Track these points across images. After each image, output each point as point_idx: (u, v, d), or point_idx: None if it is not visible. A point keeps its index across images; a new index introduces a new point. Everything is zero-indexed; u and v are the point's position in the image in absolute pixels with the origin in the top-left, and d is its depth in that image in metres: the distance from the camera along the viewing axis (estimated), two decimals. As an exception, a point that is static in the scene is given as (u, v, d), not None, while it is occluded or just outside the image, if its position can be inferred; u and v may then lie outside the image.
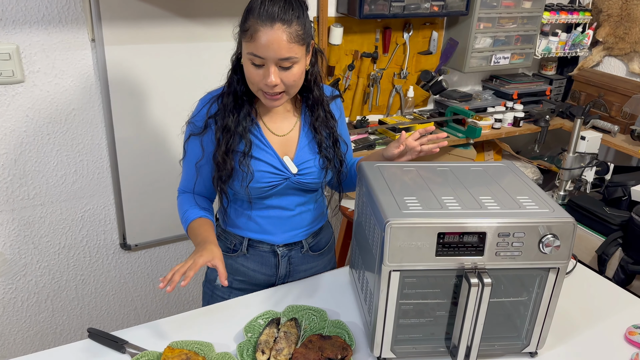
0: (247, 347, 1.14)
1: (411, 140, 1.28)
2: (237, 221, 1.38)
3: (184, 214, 1.33)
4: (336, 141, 1.34)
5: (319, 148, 1.32)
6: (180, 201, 1.38)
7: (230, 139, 1.24)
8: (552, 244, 1.03)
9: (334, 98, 1.38)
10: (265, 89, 1.18)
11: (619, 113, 2.59)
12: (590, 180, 2.23)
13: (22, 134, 1.79)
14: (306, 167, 1.32)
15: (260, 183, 1.29)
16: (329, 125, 1.33)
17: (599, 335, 1.25)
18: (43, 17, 1.68)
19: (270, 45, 1.11)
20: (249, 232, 1.38)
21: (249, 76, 1.18)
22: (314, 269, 1.48)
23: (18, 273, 1.96)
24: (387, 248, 1.01)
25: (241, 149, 1.26)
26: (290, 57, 1.14)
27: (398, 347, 1.13)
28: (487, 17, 2.41)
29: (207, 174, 1.33)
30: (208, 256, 1.15)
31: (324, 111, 1.32)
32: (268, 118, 1.32)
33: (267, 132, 1.31)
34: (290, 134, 1.33)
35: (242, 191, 1.30)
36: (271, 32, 1.11)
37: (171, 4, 1.84)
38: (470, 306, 1.05)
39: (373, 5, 2.12)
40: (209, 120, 1.27)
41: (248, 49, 1.14)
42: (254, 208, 1.35)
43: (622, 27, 2.66)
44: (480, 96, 2.64)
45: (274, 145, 1.30)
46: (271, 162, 1.29)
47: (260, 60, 1.14)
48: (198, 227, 1.28)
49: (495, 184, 1.17)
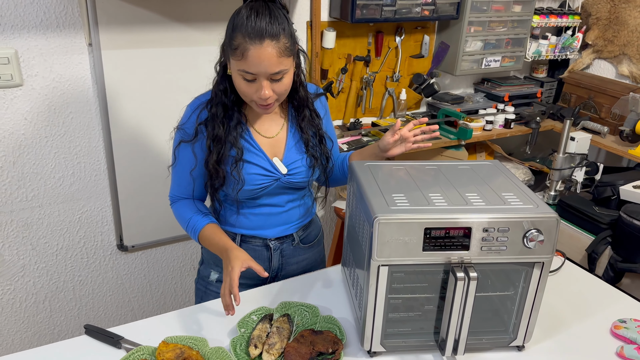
0: (241, 341, 1.17)
1: (405, 130, 1.32)
2: (229, 219, 1.41)
3: (189, 222, 1.34)
4: (322, 139, 1.38)
5: (306, 147, 1.36)
6: (178, 209, 1.39)
7: (221, 148, 1.27)
8: (536, 238, 1.06)
9: (318, 96, 1.41)
10: (259, 101, 1.21)
11: (608, 114, 2.63)
12: (580, 181, 2.27)
13: (20, 136, 1.81)
14: (295, 167, 1.35)
15: (252, 185, 1.32)
16: (314, 123, 1.37)
17: (586, 329, 1.28)
18: (41, 22, 1.72)
19: (262, 63, 1.14)
20: (242, 229, 1.41)
21: (242, 90, 1.22)
22: (306, 261, 1.51)
23: (16, 274, 1.99)
24: (375, 243, 1.04)
25: (233, 154, 1.29)
26: (281, 71, 1.18)
27: (388, 341, 1.16)
28: (478, 21, 2.45)
29: (201, 179, 1.36)
30: (238, 264, 1.18)
31: (310, 110, 1.36)
32: (256, 121, 1.35)
33: (256, 135, 1.34)
34: (278, 135, 1.36)
35: (234, 195, 1.33)
36: (261, 50, 1.13)
37: (167, 9, 1.87)
38: (457, 300, 1.08)
39: (365, 10, 2.15)
40: (199, 126, 1.29)
41: (239, 67, 1.17)
42: (245, 207, 1.38)
43: (611, 30, 2.71)
44: (471, 98, 2.68)
45: (264, 147, 1.33)
46: (262, 164, 1.32)
47: (251, 76, 1.17)
48: (211, 235, 1.30)
49: (481, 181, 1.20)
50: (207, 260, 1.48)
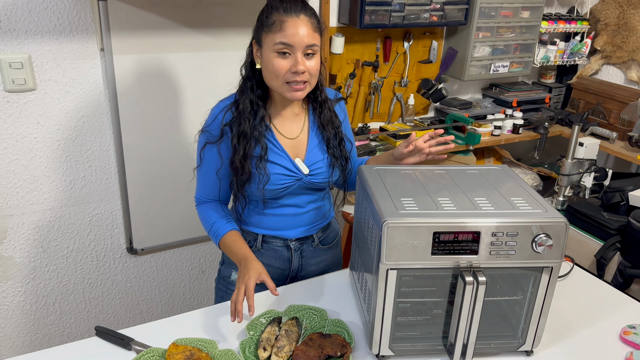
0: (250, 344, 1.17)
1: (421, 141, 1.34)
2: (251, 220, 1.44)
3: (212, 226, 1.38)
4: (341, 140, 1.42)
5: (327, 147, 1.39)
6: (203, 211, 1.42)
7: (247, 144, 1.31)
8: (545, 243, 1.07)
9: (338, 100, 1.46)
10: (292, 78, 1.25)
11: (617, 120, 2.62)
12: (589, 186, 2.26)
13: (32, 140, 1.84)
14: (317, 168, 1.39)
15: (275, 185, 1.35)
16: (334, 124, 1.40)
17: (595, 335, 1.28)
18: (54, 27, 1.74)
19: (298, 32, 1.22)
20: (263, 230, 1.44)
21: (275, 69, 1.25)
22: (324, 263, 1.54)
23: (27, 276, 2.01)
24: (384, 247, 1.04)
25: (257, 153, 1.32)
26: (314, 45, 1.25)
27: (396, 345, 1.16)
28: (486, 27, 2.46)
29: (226, 179, 1.39)
30: (255, 275, 1.21)
31: (330, 111, 1.40)
32: (279, 122, 1.38)
33: (279, 135, 1.37)
34: (300, 136, 1.39)
35: (258, 193, 1.36)
36: (298, 21, 1.23)
37: (178, 15, 1.89)
38: (465, 304, 1.08)
39: (373, 16, 2.17)
40: (224, 128, 1.32)
41: (276, 40, 1.23)
42: (267, 207, 1.41)
43: (620, 35, 2.70)
44: (480, 104, 2.68)
45: (286, 148, 1.37)
46: (284, 164, 1.36)
47: (288, 48, 1.23)
48: (232, 243, 1.34)
49: (490, 186, 1.21)
50: (228, 261, 1.50)
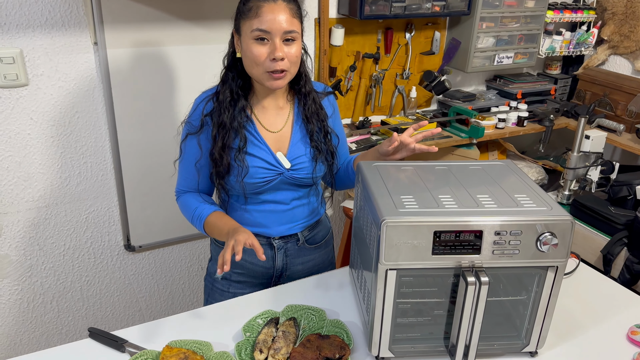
0: (246, 346, 1.14)
1: (405, 136, 1.28)
2: (233, 216, 1.40)
3: (194, 211, 1.34)
4: (327, 133, 1.37)
5: (310, 139, 1.35)
6: (183, 201, 1.39)
7: (226, 134, 1.28)
8: (550, 242, 1.03)
9: (326, 94, 1.42)
10: (271, 66, 1.22)
11: (624, 112, 2.57)
12: (595, 180, 2.22)
13: (26, 136, 1.81)
14: (299, 162, 1.35)
15: (255, 179, 1.31)
16: (320, 116, 1.36)
17: (601, 334, 1.24)
18: (46, 21, 1.71)
19: (276, 18, 1.19)
20: (246, 226, 1.38)
21: (254, 56, 1.22)
22: (311, 262, 1.49)
23: (24, 274, 1.98)
24: (383, 246, 1.01)
25: (236, 144, 1.30)
26: (293, 31, 1.21)
27: (396, 347, 1.13)
28: (490, 17, 2.40)
29: (206, 171, 1.36)
30: (245, 236, 1.17)
31: (315, 103, 1.36)
32: (262, 115, 1.34)
33: (261, 128, 1.34)
34: (283, 130, 1.36)
35: (237, 186, 1.32)
36: (275, 7, 1.20)
37: (172, 7, 1.85)
38: (467, 305, 1.05)
39: (374, 6, 2.12)
40: (205, 118, 1.30)
41: (253, 26, 1.20)
42: (249, 203, 1.38)
43: (627, 25, 2.64)
44: (483, 96, 2.63)
45: (268, 142, 1.33)
46: (265, 157, 1.32)
47: (266, 34, 1.20)
48: (218, 219, 1.31)
49: (493, 182, 1.17)
50: (215, 258, 1.48)
